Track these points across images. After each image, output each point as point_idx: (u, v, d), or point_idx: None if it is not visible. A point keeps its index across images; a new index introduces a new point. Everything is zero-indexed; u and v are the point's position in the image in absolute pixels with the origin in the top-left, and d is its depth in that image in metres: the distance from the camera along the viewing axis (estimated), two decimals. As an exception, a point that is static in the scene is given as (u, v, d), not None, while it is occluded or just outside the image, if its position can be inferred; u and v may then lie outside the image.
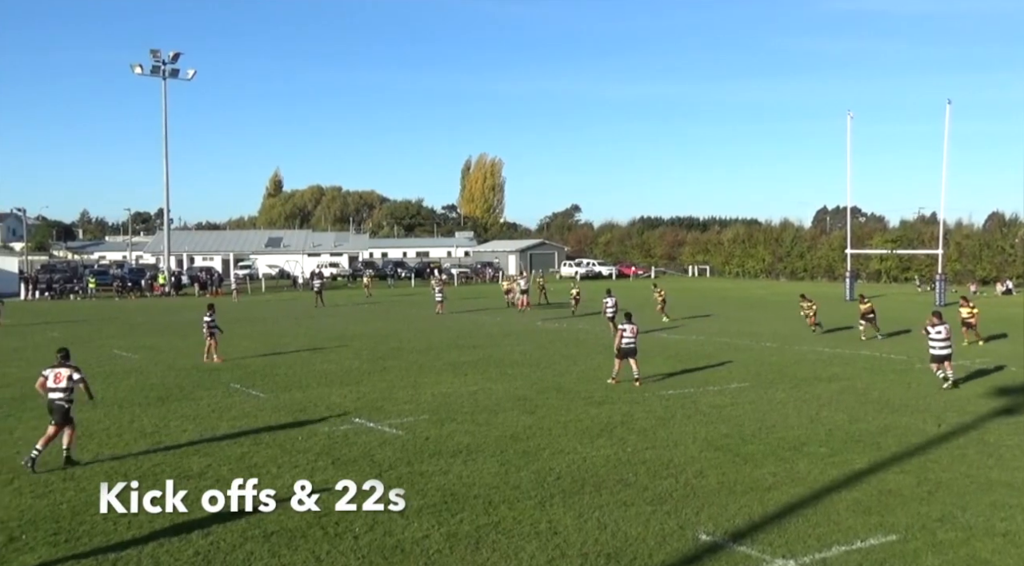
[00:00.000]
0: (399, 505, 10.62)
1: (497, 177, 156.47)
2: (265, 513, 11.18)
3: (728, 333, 34.67)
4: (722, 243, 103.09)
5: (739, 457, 14.23)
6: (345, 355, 27.67)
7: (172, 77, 75.35)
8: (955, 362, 21.87)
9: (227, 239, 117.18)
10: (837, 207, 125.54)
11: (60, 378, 13.90)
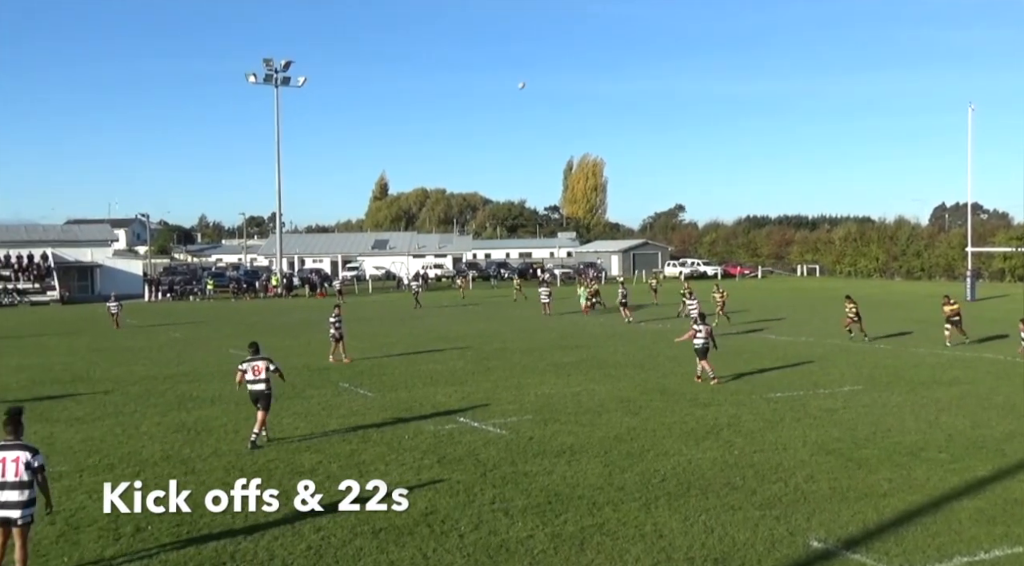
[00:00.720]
0: (402, 505, 10.55)
1: (599, 177, 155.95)
2: (374, 510, 11.44)
3: (839, 334, 33.57)
4: (833, 242, 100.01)
5: (852, 462, 13.77)
6: (450, 355, 28.05)
7: (284, 85, 78.04)
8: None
9: (336, 241, 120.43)
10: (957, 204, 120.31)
11: (259, 370, 15.29)
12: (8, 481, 8.57)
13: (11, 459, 8.62)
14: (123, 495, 10.04)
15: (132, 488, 10.17)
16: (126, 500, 10.03)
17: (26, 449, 8.78)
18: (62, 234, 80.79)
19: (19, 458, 8.63)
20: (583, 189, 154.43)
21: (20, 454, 8.71)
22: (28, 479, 8.68)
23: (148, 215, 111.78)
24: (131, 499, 10.08)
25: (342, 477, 13.03)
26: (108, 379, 23.89)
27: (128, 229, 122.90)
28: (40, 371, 25.84)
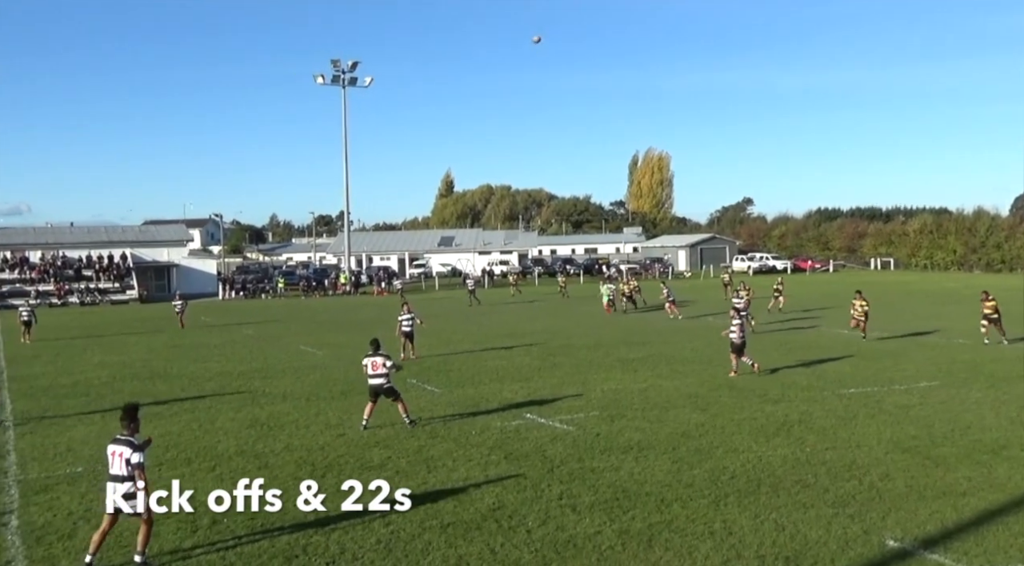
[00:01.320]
0: (405, 505, 10.26)
1: (665, 171, 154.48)
2: (442, 505, 11.57)
3: (915, 328, 32.71)
4: (908, 234, 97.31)
5: (929, 460, 13.40)
6: (516, 352, 28.11)
7: (351, 85, 79.16)
8: None
9: (402, 239, 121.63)
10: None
11: (376, 366, 15.81)
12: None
13: (380, 362, 9.61)
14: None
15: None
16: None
17: (130, 446, 9.43)
18: (140, 235, 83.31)
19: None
20: (649, 183, 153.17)
21: (125, 450, 9.39)
22: (128, 474, 9.34)
23: (221, 215, 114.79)
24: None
25: (411, 473, 13.24)
26: (184, 375, 24.57)
27: (202, 229, 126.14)
28: (120, 367, 26.70)
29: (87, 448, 15.45)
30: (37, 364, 28.33)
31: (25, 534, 10.82)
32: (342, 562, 9.61)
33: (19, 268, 72.37)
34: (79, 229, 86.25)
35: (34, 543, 10.47)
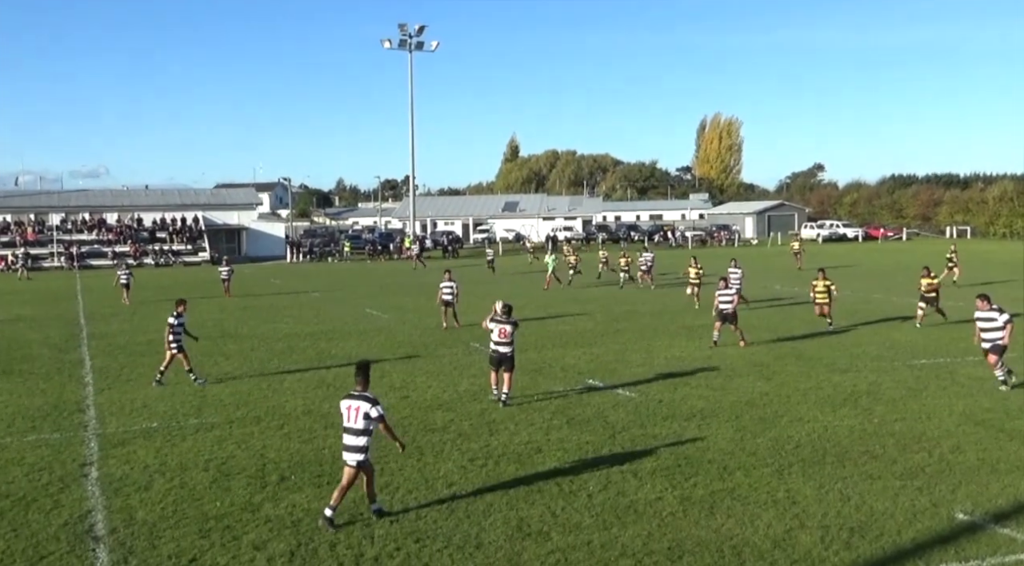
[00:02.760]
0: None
1: (734, 137, 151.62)
2: (504, 468, 11.68)
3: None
4: (986, 201, 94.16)
5: (1003, 433, 13.05)
6: (579, 318, 28.07)
7: (418, 50, 79.25)
8: None
9: (467, 204, 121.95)
10: None
11: (505, 333, 15.72)
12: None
13: (354, 408, 9.78)
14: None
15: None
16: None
17: (367, 400, 9.74)
18: (211, 198, 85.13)
19: (359, 408, 9.75)
20: (717, 149, 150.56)
21: (362, 404, 9.72)
22: (363, 427, 9.66)
23: (290, 179, 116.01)
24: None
25: (473, 436, 13.38)
26: (254, 336, 25.15)
27: (271, 193, 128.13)
28: (193, 327, 27.36)
29: (162, 404, 15.98)
30: (115, 322, 29.29)
31: (104, 485, 11.26)
32: (406, 521, 9.78)
33: (97, 229, 74.70)
34: (153, 192, 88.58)
35: (112, 494, 10.89)
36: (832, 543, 8.96)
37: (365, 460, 9.73)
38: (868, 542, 8.98)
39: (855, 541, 9.01)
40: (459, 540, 9.20)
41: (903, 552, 8.73)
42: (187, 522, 9.84)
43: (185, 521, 9.87)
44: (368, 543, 9.17)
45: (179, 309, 18.27)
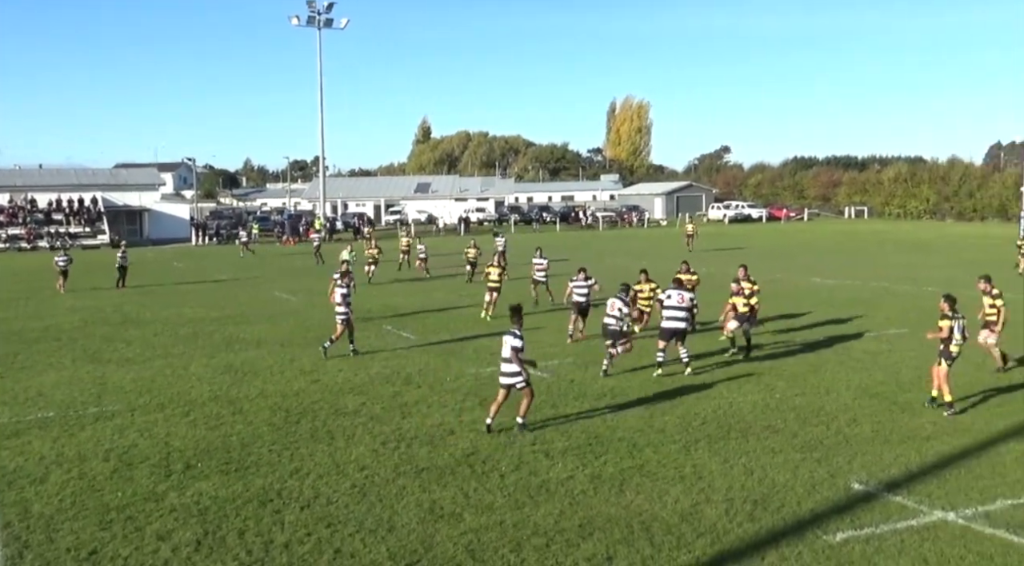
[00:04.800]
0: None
1: (643, 119, 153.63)
2: (416, 450, 11.65)
3: (887, 278, 33.05)
4: (882, 183, 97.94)
5: (896, 405, 13.66)
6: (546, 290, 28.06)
7: (326, 27, 77.49)
8: None
9: (378, 185, 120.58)
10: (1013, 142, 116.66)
11: (613, 306, 16.16)
12: (504, 356, 12.28)
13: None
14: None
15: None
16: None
17: (514, 336, 12.30)
18: (111, 178, 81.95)
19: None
20: (627, 131, 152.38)
21: (510, 338, 12.29)
22: (510, 357, 12.19)
23: (194, 159, 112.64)
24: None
25: (385, 419, 13.30)
26: (157, 321, 24.41)
27: (175, 173, 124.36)
28: (92, 312, 26.46)
29: (59, 393, 15.38)
30: (11, 308, 28.02)
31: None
32: (316, 506, 9.68)
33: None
34: (48, 171, 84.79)
35: (5, 487, 10.45)
36: (736, 515, 9.24)
37: (519, 383, 12.21)
38: (770, 513, 9.29)
39: (758, 513, 9.31)
40: (371, 524, 9.15)
41: (803, 522, 9.06)
42: (87, 514, 9.51)
43: (85, 513, 9.54)
44: (278, 529, 9.03)
45: None
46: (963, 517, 9.08)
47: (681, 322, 15.98)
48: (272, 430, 12.78)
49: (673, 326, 15.99)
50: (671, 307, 16.07)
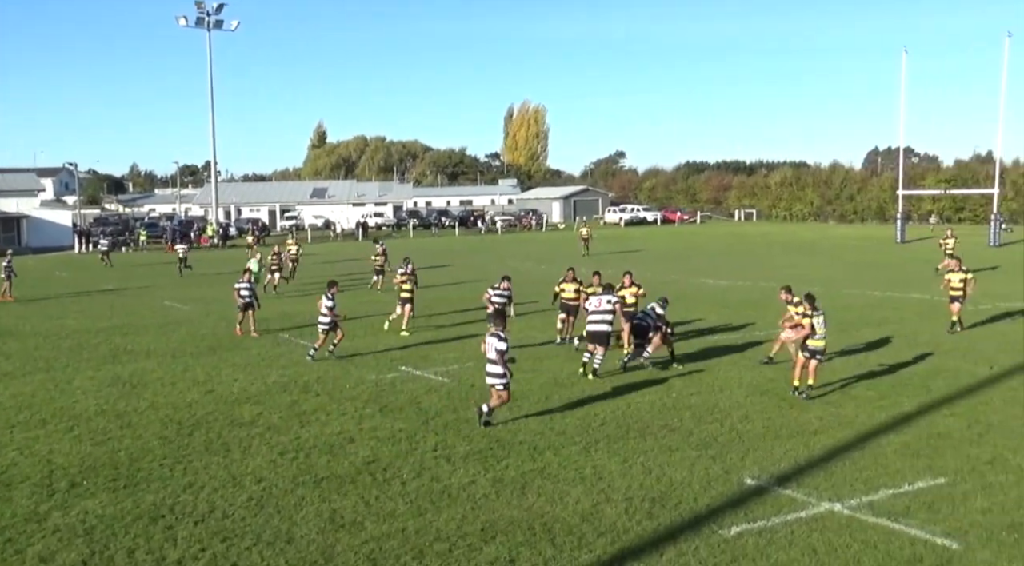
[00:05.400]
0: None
1: (540, 124, 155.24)
2: (316, 459, 11.45)
3: (775, 278, 34.23)
4: (769, 186, 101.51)
5: (785, 402, 14.16)
6: (391, 304, 27.87)
7: (216, 28, 75.62)
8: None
9: (273, 190, 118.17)
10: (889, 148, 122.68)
11: (601, 303, 16.38)
12: (489, 358, 12.82)
13: (491, 344, 12.89)
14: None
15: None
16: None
17: (498, 338, 12.84)
18: (-15, 184, 77.82)
19: (492, 343, 12.86)
20: (524, 136, 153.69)
21: (494, 341, 12.84)
22: (495, 358, 12.90)
23: (76, 164, 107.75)
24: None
25: (283, 429, 13.03)
26: (38, 333, 23.27)
27: (55, 179, 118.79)
28: (-34, 326, 25.04)
29: (-70, 412, 14.48)
30: None
31: None
32: (211, 520, 9.39)
33: None
34: (-84, 177, 79.89)
35: None
36: (635, 514, 9.41)
37: (496, 383, 12.82)
38: (668, 511, 9.50)
39: (656, 510, 9.50)
40: (269, 536, 8.94)
41: (699, 517, 9.30)
42: (-38, 539, 8.98)
43: (-40, 538, 9.01)
44: (171, 546, 8.73)
45: None
46: (848, 507, 9.48)
47: (602, 325, 16.33)
48: (163, 443, 12.35)
49: (594, 329, 16.35)
50: (593, 311, 16.55)
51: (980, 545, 8.44)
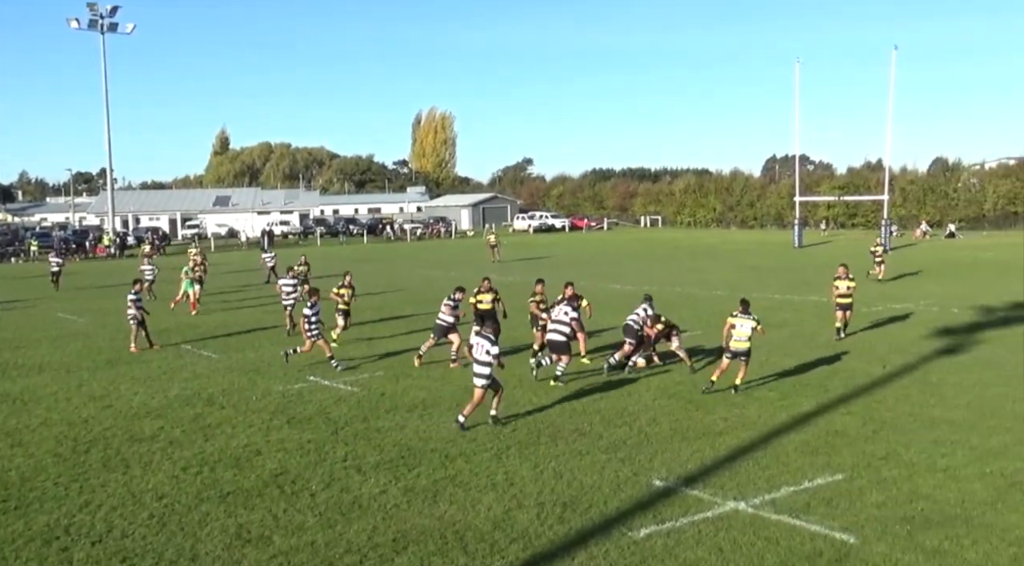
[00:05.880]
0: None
1: (448, 131, 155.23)
2: (221, 474, 11.16)
3: (680, 282, 35.01)
4: (673, 193, 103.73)
5: (691, 404, 14.46)
6: (296, 313, 27.37)
7: (111, 31, 73.01)
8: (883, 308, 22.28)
9: (174, 198, 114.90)
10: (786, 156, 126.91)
11: (560, 313, 16.32)
12: (477, 359, 13.20)
13: (480, 345, 13.23)
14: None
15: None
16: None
17: (489, 341, 13.27)
18: None
19: (483, 345, 13.19)
20: (432, 143, 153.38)
21: (484, 343, 13.24)
22: (486, 361, 13.19)
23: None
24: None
25: (185, 443, 12.65)
26: (-80, 350, 22.03)
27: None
28: None
29: None
30: None
31: None
32: (110, 540, 9.04)
33: None
34: None
35: None
36: (547, 519, 9.47)
37: (485, 384, 13.11)
38: (579, 514, 9.58)
39: (567, 515, 9.58)
40: (172, 554, 8.66)
41: (609, 520, 9.41)
42: None
43: None
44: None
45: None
46: (752, 506, 9.74)
47: (557, 334, 16.27)
48: (58, 462, 11.84)
49: (552, 338, 16.42)
50: (554, 320, 16.62)
51: (875, 538, 8.78)
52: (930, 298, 27.85)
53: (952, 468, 10.89)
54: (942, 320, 23.00)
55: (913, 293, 29.34)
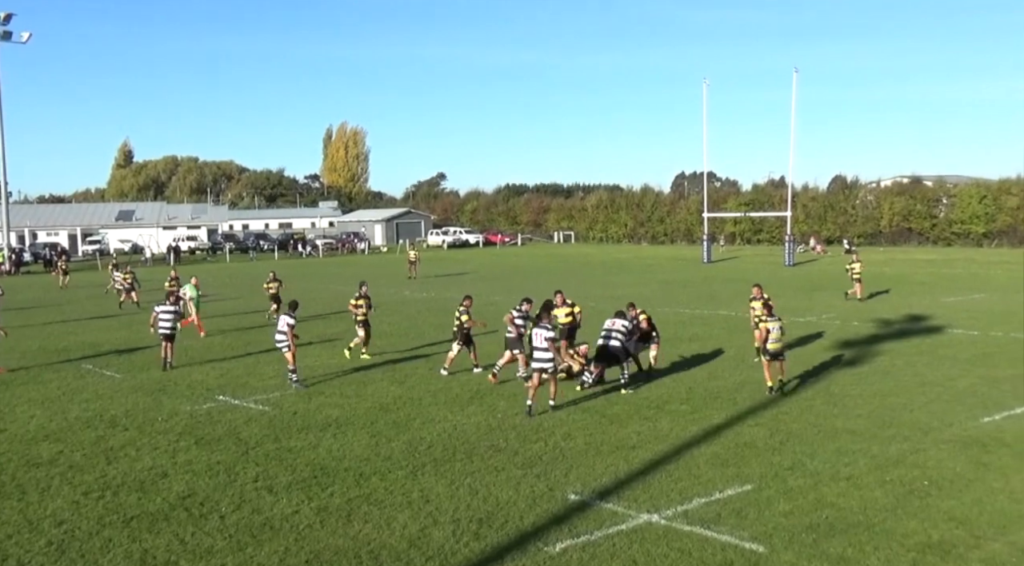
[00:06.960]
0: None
1: (360, 146, 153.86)
2: (124, 498, 10.78)
3: (592, 297, 35.40)
4: (586, 209, 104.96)
5: (605, 418, 14.63)
6: (207, 330, 26.74)
7: (5, 40, 70.13)
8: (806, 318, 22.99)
9: (74, 212, 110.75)
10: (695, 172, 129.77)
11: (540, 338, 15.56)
12: (536, 345, 14.62)
13: (540, 334, 14.69)
14: None
15: None
16: None
17: (546, 329, 14.86)
18: None
19: (542, 334, 14.70)
20: (344, 157, 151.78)
21: (543, 331, 14.83)
22: (545, 345, 14.68)
23: None
24: None
25: (86, 467, 12.19)
26: None
27: None
28: None
29: None
30: None
31: None
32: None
33: None
34: None
35: None
36: (463, 535, 9.43)
37: (548, 368, 14.65)
38: (495, 530, 9.58)
39: (483, 531, 9.56)
40: (72, 585, 8.31)
41: (525, 536, 9.43)
42: None
43: None
44: (-43, 604, 7.94)
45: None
46: (665, 518, 9.89)
47: (539, 363, 15.03)
48: (-52, 490, 11.25)
49: (537, 366, 15.25)
50: (535, 349, 15.32)
51: (783, 547, 9.02)
52: (831, 311, 28.85)
53: (854, 476, 11.28)
54: (844, 333, 23.84)
55: (815, 307, 30.34)
